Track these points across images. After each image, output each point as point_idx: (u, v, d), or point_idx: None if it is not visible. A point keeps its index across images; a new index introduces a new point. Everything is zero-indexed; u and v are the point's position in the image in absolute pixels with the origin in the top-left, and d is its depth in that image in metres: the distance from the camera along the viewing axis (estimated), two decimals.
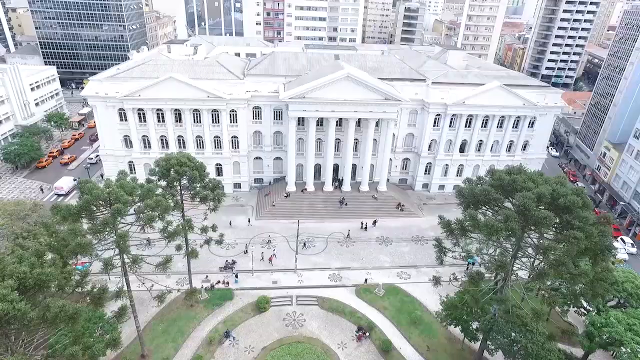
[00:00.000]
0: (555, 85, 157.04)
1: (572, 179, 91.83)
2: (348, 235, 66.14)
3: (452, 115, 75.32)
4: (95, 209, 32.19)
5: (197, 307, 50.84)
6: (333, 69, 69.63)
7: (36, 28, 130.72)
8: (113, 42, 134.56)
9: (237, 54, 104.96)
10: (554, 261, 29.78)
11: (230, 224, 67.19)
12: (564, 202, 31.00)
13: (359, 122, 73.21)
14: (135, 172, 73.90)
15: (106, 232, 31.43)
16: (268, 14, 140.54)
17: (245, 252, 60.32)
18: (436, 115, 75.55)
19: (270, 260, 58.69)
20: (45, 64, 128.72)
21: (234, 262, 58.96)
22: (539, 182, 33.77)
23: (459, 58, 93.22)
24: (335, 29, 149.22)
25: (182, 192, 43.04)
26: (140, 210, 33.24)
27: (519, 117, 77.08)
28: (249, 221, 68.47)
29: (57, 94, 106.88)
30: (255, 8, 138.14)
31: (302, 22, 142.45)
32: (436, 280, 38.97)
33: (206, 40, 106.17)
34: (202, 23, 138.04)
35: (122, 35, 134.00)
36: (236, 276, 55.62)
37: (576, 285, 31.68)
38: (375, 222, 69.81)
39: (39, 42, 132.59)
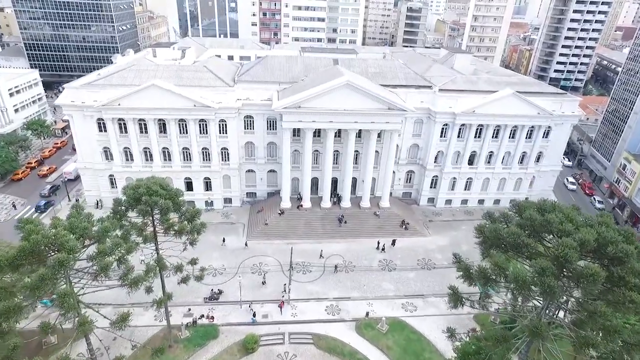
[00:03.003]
0: (563, 88, 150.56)
1: (587, 191, 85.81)
2: (321, 255, 60.30)
3: (461, 125, 69.40)
4: (37, 256, 26.22)
5: (177, 348, 44.88)
6: (331, 75, 63.64)
7: (21, 29, 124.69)
8: (102, 43, 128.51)
9: (230, 57, 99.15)
10: (604, 326, 23.83)
11: (223, 241, 62.15)
12: (614, 251, 25.02)
13: (359, 133, 67.35)
14: (116, 187, 68.25)
15: (47, 288, 25.42)
16: (264, 14, 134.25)
17: (263, 282, 54.45)
18: (443, 125, 69.59)
19: (280, 307, 50.92)
20: (32, 67, 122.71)
21: (220, 292, 53.04)
22: (579, 223, 27.76)
23: (466, 62, 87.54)
24: (334, 30, 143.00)
25: (155, 223, 37.06)
26: (93, 257, 27.26)
27: (532, 127, 71.15)
28: (224, 241, 62.90)
29: (39, 99, 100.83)
30: (250, 8, 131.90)
31: (300, 22, 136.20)
32: (451, 333, 32.93)
33: (197, 42, 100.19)
34: (196, 24, 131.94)
35: (112, 37, 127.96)
36: (254, 315, 49.07)
37: (631, 356, 25.71)
38: (394, 242, 64.28)
39: (24, 43, 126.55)
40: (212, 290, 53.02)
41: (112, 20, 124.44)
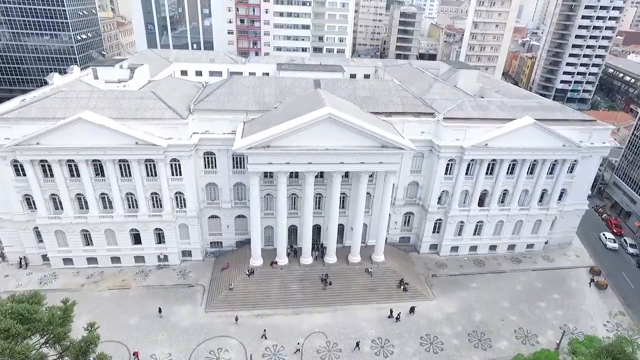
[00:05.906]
0: (570, 100, 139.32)
1: (615, 230, 73.40)
2: (263, 335, 47.07)
3: (470, 161, 56.83)
4: None
5: None
6: (310, 103, 50.54)
7: None
8: (59, 54, 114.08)
9: (199, 73, 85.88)
10: None
11: (160, 311, 49.74)
12: None
13: (347, 173, 54.46)
14: (43, 242, 54.64)
15: None
16: (242, 21, 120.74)
17: None
18: (449, 160, 56.90)
19: None
20: None
21: None
22: None
23: (472, 79, 75.17)
24: (320, 39, 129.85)
25: None
26: None
27: (556, 160, 58.85)
28: (160, 311, 49.91)
29: None
30: (226, 14, 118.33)
31: (282, 30, 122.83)
32: None
33: (160, 56, 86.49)
34: (165, 32, 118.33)
35: (70, 47, 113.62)
36: None
37: None
38: (413, 308, 52.15)
39: None
40: None
41: (69, 28, 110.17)
